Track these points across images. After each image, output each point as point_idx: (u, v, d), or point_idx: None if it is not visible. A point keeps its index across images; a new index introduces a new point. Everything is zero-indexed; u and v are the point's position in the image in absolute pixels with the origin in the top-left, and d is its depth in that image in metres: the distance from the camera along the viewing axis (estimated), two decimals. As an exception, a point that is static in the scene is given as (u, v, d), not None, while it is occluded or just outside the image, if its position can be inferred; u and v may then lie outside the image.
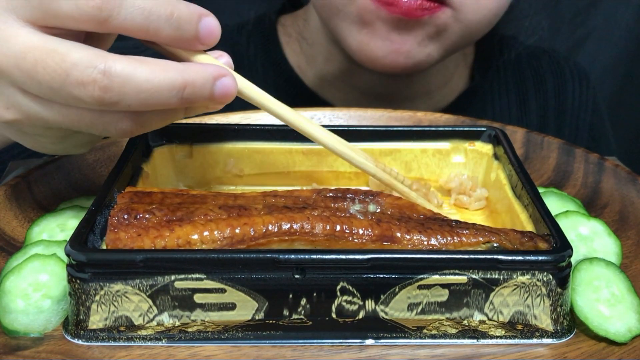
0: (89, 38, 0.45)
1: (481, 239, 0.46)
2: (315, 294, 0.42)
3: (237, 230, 0.45)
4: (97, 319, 0.42)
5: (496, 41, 0.92)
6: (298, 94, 0.87)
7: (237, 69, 0.46)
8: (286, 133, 0.59)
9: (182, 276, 0.41)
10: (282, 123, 0.50)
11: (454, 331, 0.43)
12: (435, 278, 0.42)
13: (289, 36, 0.90)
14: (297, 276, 0.42)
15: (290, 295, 0.42)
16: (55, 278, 0.45)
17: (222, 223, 0.45)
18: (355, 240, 0.45)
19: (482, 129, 0.60)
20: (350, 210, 0.49)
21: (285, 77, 0.88)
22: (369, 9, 0.70)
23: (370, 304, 0.43)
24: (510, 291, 0.43)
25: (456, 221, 0.48)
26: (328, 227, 0.45)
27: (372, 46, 0.72)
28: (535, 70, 0.95)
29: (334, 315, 0.43)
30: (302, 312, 0.43)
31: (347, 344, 0.43)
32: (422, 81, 0.86)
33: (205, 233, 0.44)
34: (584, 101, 0.96)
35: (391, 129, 0.60)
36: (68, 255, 0.42)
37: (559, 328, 0.44)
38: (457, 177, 0.59)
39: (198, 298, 0.42)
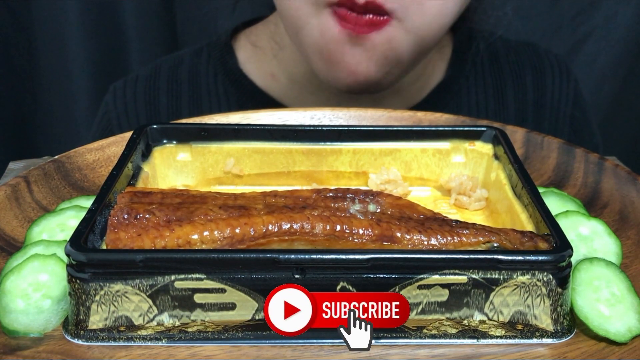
0: None
1: (481, 238, 0.46)
2: (315, 294, 0.42)
3: (237, 230, 0.45)
4: (97, 319, 0.42)
5: (473, 35, 0.91)
6: (263, 108, 0.86)
7: (198, 95, 0.45)
8: (286, 133, 0.59)
9: (182, 276, 0.41)
10: (282, 123, 0.50)
11: (454, 331, 0.43)
12: (435, 278, 0.42)
13: (255, 47, 0.89)
14: (297, 276, 0.42)
15: (290, 295, 0.42)
16: (55, 278, 0.45)
17: (222, 223, 0.45)
18: (355, 240, 0.45)
19: (482, 128, 0.60)
20: (350, 210, 0.49)
21: (248, 93, 0.87)
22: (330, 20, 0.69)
23: (370, 304, 0.43)
24: (510, 291, 0.43)
25: (456, 221, 0.48)
26: (328, 227, 0.45)
27: (332, 69, 0.72)
28: (513, 63, 0.93)
29: (334, 315, 0.43)
30: (302, 312, 0.43)
31: (347, 344, 0.43)
32: None
33: (205, 233, 0.44)
34: (565, 94, 0.94)
35: (391, 129, 0.60)
36: (68, 255, 0.42)
37: (559, 328, 0.44)
38: (457, 177, 0.59)
39: (198, 298, 0.42)
